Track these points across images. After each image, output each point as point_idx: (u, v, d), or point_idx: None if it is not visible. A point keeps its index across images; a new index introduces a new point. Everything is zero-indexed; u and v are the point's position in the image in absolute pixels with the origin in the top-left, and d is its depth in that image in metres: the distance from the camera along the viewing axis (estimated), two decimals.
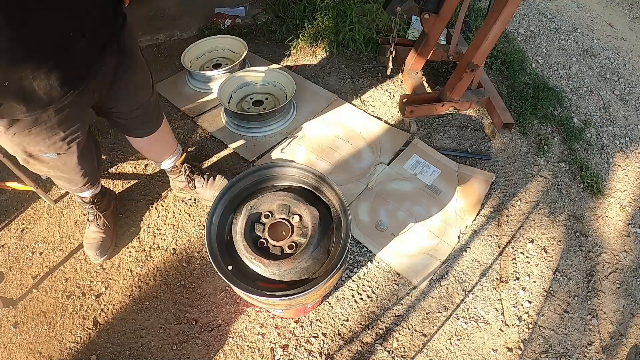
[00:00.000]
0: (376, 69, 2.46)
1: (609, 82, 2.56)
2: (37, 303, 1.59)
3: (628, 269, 1.76)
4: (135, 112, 1.34)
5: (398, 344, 1.51)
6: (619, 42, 2.91)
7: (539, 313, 1.60)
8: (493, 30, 1.64)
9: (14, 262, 1.70)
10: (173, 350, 1.48)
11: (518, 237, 1.80)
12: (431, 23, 1.92)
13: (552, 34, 2.81)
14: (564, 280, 1.70)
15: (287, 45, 2.59)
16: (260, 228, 1.07)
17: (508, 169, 2.03)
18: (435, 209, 1.83)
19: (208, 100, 2.29)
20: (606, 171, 2.10)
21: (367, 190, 1.89)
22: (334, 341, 1.51)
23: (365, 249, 1.72)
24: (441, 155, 2.03)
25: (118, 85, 1.19)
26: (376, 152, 2.04)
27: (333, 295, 1.60)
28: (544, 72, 2.54)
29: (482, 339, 1.53)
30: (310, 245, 1.02)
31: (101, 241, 1.65)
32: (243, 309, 1.56)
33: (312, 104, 2.26)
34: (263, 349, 1.49)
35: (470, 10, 2.67)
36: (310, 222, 1.05)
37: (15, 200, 1.88)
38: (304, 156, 2.02)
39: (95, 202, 1.61)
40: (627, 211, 1.95)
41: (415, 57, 2.11)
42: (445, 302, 1.61)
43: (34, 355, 1.47)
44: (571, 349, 1.53)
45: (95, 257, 1.64)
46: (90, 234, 1.66)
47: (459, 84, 1.87)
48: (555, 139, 2.18)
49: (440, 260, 1.68)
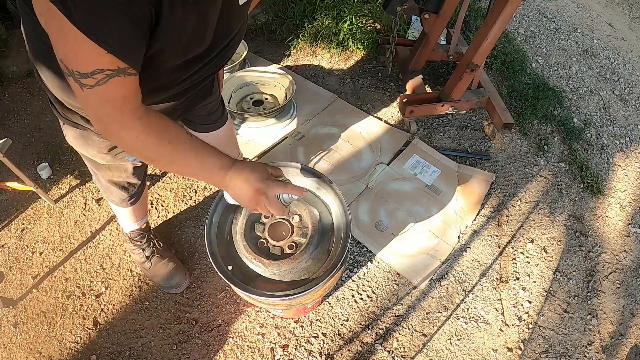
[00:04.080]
0: (376, 69, 2.46)
1: (609, 82, 2.56)
2: (37, 303, 1.59)
3: (628, 269, 1.76)
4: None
5: (398, 344, 1.51)
6: (619, 42, 2.91)
7: (539, 313, 1.60)
8: (493, 30, 1.64)
9: (14, 262, 1.70)
10: (173, 350, 1.48)
11: (518, 237, 1.80)
12: (431, 23, 1.92)
13: (552, 34, 2.81)
14: (564, 280, 1.70)
15: (287, 45, 2.59)
16: (260, 228, 1.07)
17: (508, 169, 2.03)
18: (435, 209, 1.83)
19: None
20: (606, 171, 2.10)
21: (367, 190, 1.89)
22: (334, 341, 1.51)
23: (365, 249, 1.72)
24: (441, 155, 2.03)
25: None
26: (376, 152, 2.04)
27: (333, 295, 1.60)
28: (544, 72, 2.54)
29: (482, 339, 1.53)
30: (310, 245, 1.02)
31: (174, 268, 1.58)
32: (243, 309, 1.56)
33: (312, 104, 2.26)
34: (263, 349, 1.49)
35: (470, 10, 2.67)
36: (310, 222, 1.05)
37: (15, 200, 1.88)
38: (304, 156, 2.02)
39: (148, 230, 1.56)
40: (627, 211, 1.95)
41: (415, 57, 2.11)
42: (445, 302, 1.61)
43: (34, 355, 1.47)
44: (571, 349, 1.53)
45: (182, 285, 1.58)
46: (158, 271, 1.57)
47: (459, 84, 1.87)
48: (555, 139, 2.18)
49: (440, 260, 1.68)
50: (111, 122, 0.72)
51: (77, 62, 0.62)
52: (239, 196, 0.84)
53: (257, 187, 0.81)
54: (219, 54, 0.89)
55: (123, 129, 0.73)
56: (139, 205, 1.40)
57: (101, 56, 0.61)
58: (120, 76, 0.64)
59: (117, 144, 0.90)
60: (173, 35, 0.69)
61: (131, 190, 1.30)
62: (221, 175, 0.82)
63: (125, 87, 0.67)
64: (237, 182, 0.82)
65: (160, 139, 0.75)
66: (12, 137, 1.83)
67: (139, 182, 1.30)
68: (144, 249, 1.56)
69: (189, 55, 0.80)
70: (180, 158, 0.78)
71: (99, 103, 0.69)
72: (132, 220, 1.46)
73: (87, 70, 0.62)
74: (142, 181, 1.33)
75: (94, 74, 0.63)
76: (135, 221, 1.47)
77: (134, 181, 1.28)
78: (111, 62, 0.62)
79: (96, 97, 0.67)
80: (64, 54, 0.63)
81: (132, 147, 0.77)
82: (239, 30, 0.90)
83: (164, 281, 1.57)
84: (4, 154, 1.55)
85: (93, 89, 0.64)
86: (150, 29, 0.64)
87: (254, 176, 0.81)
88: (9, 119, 2.19)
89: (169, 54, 0.74)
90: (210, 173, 0.82)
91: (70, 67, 0.63)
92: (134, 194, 1.33)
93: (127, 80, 0.66)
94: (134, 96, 0.70)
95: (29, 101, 2.26)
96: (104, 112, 0.70)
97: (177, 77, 0.85)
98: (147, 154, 0.77)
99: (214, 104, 1.29)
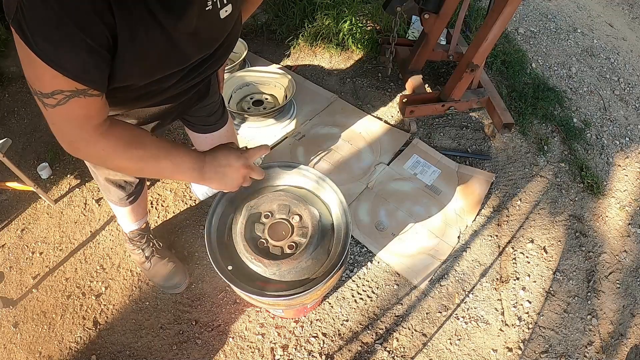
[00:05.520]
0: (376, 69, 2.46)
1: (609, 82, 2.56)
2: (37, 303, 1.59)
3: (628, 269, 1.76)
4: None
5: (398, 344, 1.51)
6: (619, 42, 2.91)
7: (539, 313, 1.60)
8: (493, 30, 1.64)
9: (14, 262, 1.70)
10: (173, 350, 1.48)
11: (518, 237, 1.80)
12: (431, 23, 1.92)
13: (552, 34, 2.81)
14: (564, 280, 1.70)
15: (287, 45, 2.59)
16: (260, 228, 1.07)
17: (508, 169, 2.03)
18: (435, 209, 1.83)
19: None
20: (606, 171, 2.10)
21: (367, 190, 1.89)
22: (334, 341, 1.51)
23: (365, 249, 1.71)
24: (441, 155, 2.03)
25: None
26: (376, 152, 2.04)
27: (333, 295, 1.60)
28: (544, 72, 2.54)
29: (482, 339, 1.53)
30: (310, 245, 1.02)
31: (174, 268, 1.58)
32: (243, 309, 1.56)
33: (312, 104, 2.26)
34: (263, 349, 1.49)
35: (470, 10, 2.67)
36: (310, 222, 1.05)
37: (15, 200, 1.88)
38: (304, 156, 2.02)
39: (148, 230, 1.55)
40: (627, 211, 1.95)
41: (415, 57, 2.11)
42: (445, 302, 1.61)
43: (34, 355, 1.47)
44: (571, 349, 1.53)
45: (182, 285, 1.58)
46: (158, 271, 1.57)
47: (459, 84, 1.87)
48: (555, 139, 2.18)
49: (440, 260, 1.68)
50: (75, 140, 0.74)
51: (38, 82, 0.64)
52: (223, 181, 0.87)
53: (239, 164, 0.86)
54: (203, 63, 0.88)
55: (87, 145, 0.74)
56: (138, 205, 1.40)
57: (58, 78, 0.62)
58: (80, 97, 0.66)
59: (86, 160, 0.92)
60: (140, 59, 0.69)
61: (129, 189, 1.30)
62: (197, 170, 0.84)
63: (86, 107, 0.68)
64: (217, 168, 0.85)
65: (128, 148, 0.77)
66: (12, 137, 1.84)
67: (137, 181, 1.30)
68: (144, 249, 1.56)
69: (164, 74, 0.80)
70: (151, 164, 0.80)
71: (62, 122, 0.71)
72: (131, 220, 1.46)
73: (47, 91, 0.64)
74: (141, 180, 1.33)
75: (54, 95, 0.64)
76: (134, 221, 1.47)
77: (130, 180, 1.28)
78: (69, 84, 0.63)
79: (58, 116, 0.69)
80: (27, 74, 0.65)
81: (100, 160, 0.80)
82: (225, 40, 0.89)
83: (164, 281, 1.57)
84: (4, 154, 1.55)
85: (55, 108, 0.66)
86: (110, 51, 0.64)
87: (231, 156, 0.86)
88: (9, 119, 2.19)
89: (138, 77, 0.75)
90: (185, 171, 0.84)
91: (33, 87, 0.65)
92: (132, 193, 1.32)
93: (87, 101, 0.67)
94: (97, 115, 0.71)
95: (29, 101, 2.26)
96: (67, 130, 0.72)
97: (157, 87, 0.85)
98: (117, 164, 0.80)
99: (213, 105, 1.28)
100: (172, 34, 0.70)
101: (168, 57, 0.75)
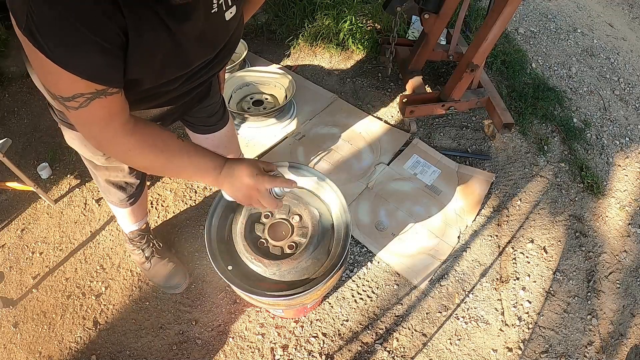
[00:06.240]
0: (376, 69, 2.46)
1: (609, 82, 2.56)
2: (37, 303, 1.59)
3: (628, 269, 1.76)
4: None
5: (398, 344, 1.51)
6: (619, 42, 2.91)
7: (539, 313, 1.60)
8: (493, 30, 1.64)
9: (14, 262, 1.70)
10: (173, 350, 1.48)
11: (518, 237, 1.80)
12: (431, 23, 1.92)
13: (552, 34, 2.81)
14: (564, 280, 1.70)
15: (287, 45, 2.59)
16: (260, 228, 1.07)
17: (508, 169, 2.03)
18: (435, 209, 1.83)
19: None
20: (606, 171, 2.10)
21: (367, 190, 1.89)
22: (334, 341, 1.51)
23: (365, 249, 1.71)
24: (441, 155, 2.03)
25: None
26: (376, 152, 2.04)
27: (333, 295, 1.60)
28: (544, 72, 2.54)
29: (482, 339, 1.53)
30: (310, 245, 1.02)
31: (174, 269, 1.58)
32: (243, 309, 1.56)
33: (312, 104, 2.26)
34: (263, 349, 1.49)
35: (470, 10, 2.67)
36: (310, 222, 1.05)
37: (15, 200, 1.88)
38: (304, 156, 2.02)
39: (148, 231, 1.55)
40: (627, 211, 1.95)
41: (415, 57, 2.11)
42: (445, 302, 1.61)
43: (34, 355, 1.47)
44: (571, 349, 1.53)
45: (182, 285, 1.58)
46: (158, 271, 1.57)
47: (459, 84, 1.87)
48: (555, 139, 2.18)
49: (440, 260, 1.68)
50: (102, 139, 0.74)
51: (57, 88, 0.65)
52: (234, 193, 0.87)
53: (248, 183, 0.84)
54: (207, 65, 0.89)
55: (114, 145, 0.75)
56: (138, 206, 1.40)
57: (77, 82, 0.62)
58: (101, 97, 0.66)
59: (112, 157, 0.92)
60: (146, 59, 0.69)
61: (129, 191, 1.30)
62: (214, 175, 0.84)
63: (108, 106, 0.69)
64: (230, 179, 0.84)
65: (152, 149, 0.78)
66: (12, 137, 1.84)
67: (137, 182, 1.30)
68: (144, 250, 1.56)
69: (169, 78, 0.80)
70: (173, 164, 0.81)
71: (87, 123, 0.71)
72: (131, 221, 1.46)
73: (68, 95, 0.65)
74: (141, 182, 1.33)
75: (75, 98, 0.65)
76: (134, 222, 1.47)
77: (131, 181, 1.27)
78: (88, 86, 0.64)
79: (82, 118, 0.70)
80: (45, 80, 0.66)
81: (125, 159, 0.81)
82: (228, 42, 0.89)
83: (164, 281, 1.57)
84: (4, 154, 1.55)
85: (78, 110, 0.67)
86: (123, 49, 0.64)
87: (245, 172, 0.84)
88: (9, 119, 2.19)
89: (145, 80, 0.75)
90: (204, 174, 0.85)
91: (53, 92, 0.66)
92: (133, 195, 1.32)
93: (108, 100, 0.68)
94: (120, 112, 0.72)
95: (29, 101, 2.26)
96: (93, 130, 0.73)
97: (161, 89, 0.86)
98: (141, 164, 0.81)
99: (214, 106, 1.28)
100: (178, 36, 0.70)
101: (173, 59, 0.75)
